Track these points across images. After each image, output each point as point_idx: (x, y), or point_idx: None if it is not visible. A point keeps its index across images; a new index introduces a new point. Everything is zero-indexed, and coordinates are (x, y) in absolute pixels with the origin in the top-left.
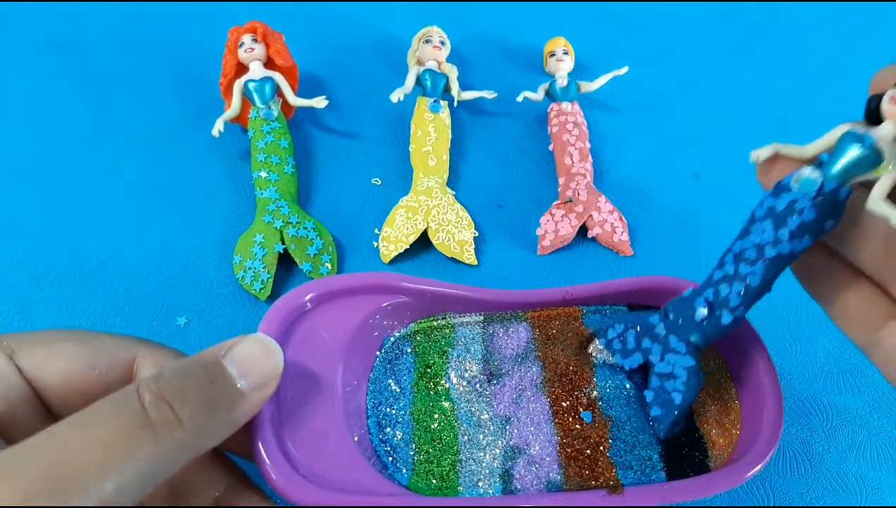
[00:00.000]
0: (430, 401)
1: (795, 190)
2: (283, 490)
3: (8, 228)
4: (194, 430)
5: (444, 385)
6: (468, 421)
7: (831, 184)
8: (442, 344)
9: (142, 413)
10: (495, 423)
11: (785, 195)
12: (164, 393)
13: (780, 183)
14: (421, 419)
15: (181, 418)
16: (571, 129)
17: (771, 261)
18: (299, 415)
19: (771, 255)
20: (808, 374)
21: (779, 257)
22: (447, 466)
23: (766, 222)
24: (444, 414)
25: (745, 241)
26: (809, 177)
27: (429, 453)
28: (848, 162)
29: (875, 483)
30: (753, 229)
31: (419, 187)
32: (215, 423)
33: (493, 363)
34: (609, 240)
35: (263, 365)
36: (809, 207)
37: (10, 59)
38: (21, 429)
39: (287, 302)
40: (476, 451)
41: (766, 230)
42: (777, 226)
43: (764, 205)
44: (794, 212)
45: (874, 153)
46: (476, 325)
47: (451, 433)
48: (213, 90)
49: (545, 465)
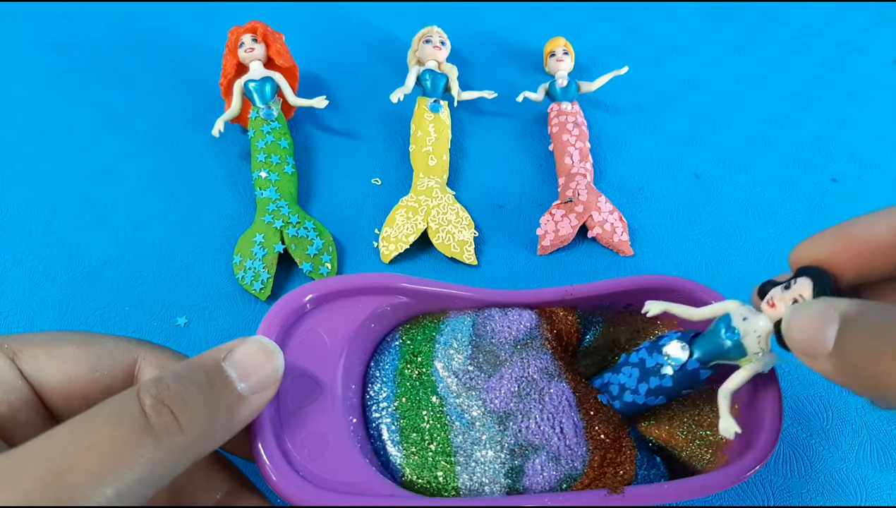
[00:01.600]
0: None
1: (664, 359)
2: (283, 491)
3: (8, 228)
4: (195, 434)
5: (436, 382)
6: (460, 417)
7: (693, 365)
8: (432, 335)
9: (142, 417)
10: (491, 418)
11: (656, 356)
12: (164, 397)
13: (659, 341)
14: (414, 419)
15: (182, 422)
16: (571, 129)
17: (624, 404)
18: (299, 416)
19: (627, 400)
20: (808, 374)
21: (633, 404)
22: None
23: (634, 370)
24: (433, 409)
25: (613, 376)
26: (676, 357)
27: (424, 453)
28: (713, 349)
29: (875, 483)
30: (623, 370)
31: (419, 187)
32: (216, 427)
33: (487, 351)
34: (609, 239)
35: (264, 369)
36: (669, 377)
37: (9, 59)
38: (22, 431)
39: (286, 303)
40: (476, 449)
41: (631, 376)
42: (640, 379)
43: (639, 353)
44: (657, 374)
45: (740, 347)
46: (467, 315)
47: (442, 432)
48: (213, 90)
49: (567, 457)
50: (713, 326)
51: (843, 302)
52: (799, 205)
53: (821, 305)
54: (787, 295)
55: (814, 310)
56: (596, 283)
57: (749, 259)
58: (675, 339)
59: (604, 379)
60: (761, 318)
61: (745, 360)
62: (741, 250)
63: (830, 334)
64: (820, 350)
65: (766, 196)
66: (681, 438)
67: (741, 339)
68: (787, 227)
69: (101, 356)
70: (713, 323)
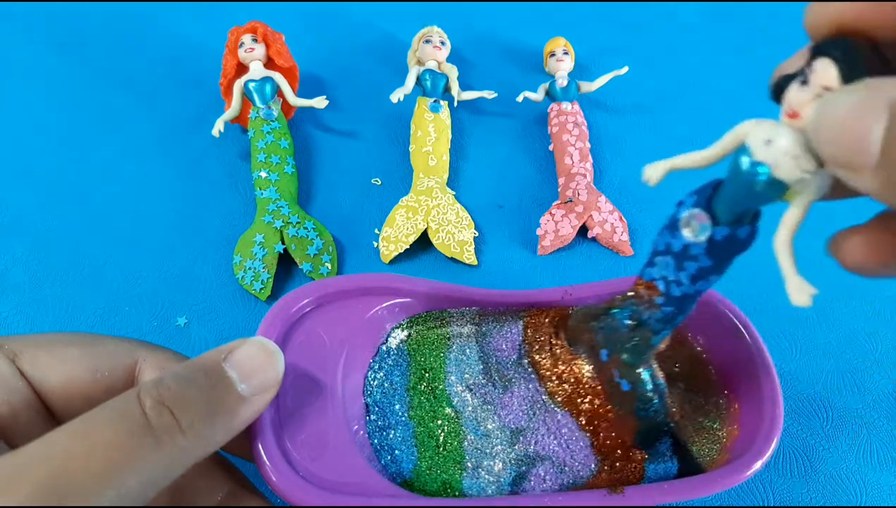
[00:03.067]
0: (430, 405)
1: (688, 236)
2: (284, 492)
3: (8, 228)
4: (196, 436)
5: (444, 389)
6: (475, 430)
7: (723, 232)
8: (438, 346)
9: (143, 419)
10: (505, 432)
11: (679, 235)
12: (165, 398)
13: (675, 216)
14: (421, 422)
15: (182, 424)
16: (571, 129)
17: (677, 300)
18: (299, 417)
19: (676, 294)
20: (808, 374)
21: (686, 297)
22: (451, 472)
23: (667, 258)
24: (447, 419)
25: (651, 269)
26: (701, 224)
27: (431, 458)
28: (741, 200)
29: (875, 483)
30: (657, 261)
31: (419, 187)
32: (217, 428)
33: (493, 367)
34: (609, 239)
35: (264, 369)
36: (703, 255)
37: (10, 59)
38: (23, 432)
39: (287, 304)
40: (486, 458)
41: (668, 266)
42: (677, 267)
43: (662, 237)
44: (690, 257)
45: (776, 184)
46: (470, 325)
47: (455, 439)
48: (213, 90)
49: (573, 468)
50: (731, 168)
51: (892, 84)
52: None
53: (858, 93)
54: (808, 91)
55: (849, 103)
56: (596, 283)
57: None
58: (688, 209)
59: (646, 276)
60: (789, 133)
61: (792, 193)
62: None
63: (875, 134)
64: (863, 158)
65: None
66: (690, 430)
67: (773, 173)
68: None
69: (101, 357)
70: (730, 164)
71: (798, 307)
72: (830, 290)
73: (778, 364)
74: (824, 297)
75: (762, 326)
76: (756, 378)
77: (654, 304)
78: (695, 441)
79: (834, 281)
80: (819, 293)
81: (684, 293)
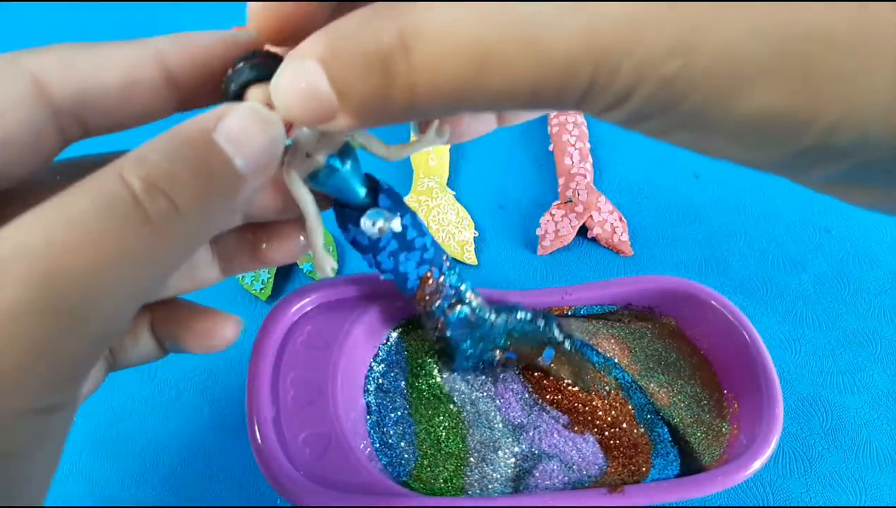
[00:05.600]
0: (430, 404)
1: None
2: (285, 492)
3: None
4: (195, 220)
5: (444, 388)
6: (477, 423)
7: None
8: (432, 346)
9: (135, 205)
10: (508, 427)
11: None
12: (155, 180)
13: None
14: (421, 421)
15: (180, 208)
16: (571, 130)
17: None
18: (299, 416)
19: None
20: (808, 374)
21: (406, 276)
22: (452, 470)
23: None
24: (448, 417)
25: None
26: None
27: (432, 456)
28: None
29: (875, 483)
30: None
31: (419, 187)
32: (216, 212)
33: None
34: (609, 239)
35: (261, 140)
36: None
37: None
38: (47, 156)
39: (287, 304)
40: (490, 452)
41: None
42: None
43: (349, 233)
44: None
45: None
46: None
47: (456, 436)
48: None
49: (580, 465)
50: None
51: (308, 48)
52: (799, 204)
53: (292, 60)
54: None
55: (287, 72)
56: (595, 283)
57: (749, 259)
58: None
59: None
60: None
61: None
62: (741, 250)
63: (321, 84)
64: (325, 108)
65: (765, 196)
66: (688, 420)
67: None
68: (788, 227)
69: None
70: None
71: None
72: (831, 290)
73: (778, 364)
74: (824, 296)
75: (762, 326)
76: (756, 377)
77: (441, 286)
78: (695, 441)
79: (834, 281)
80: (819, 293)
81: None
